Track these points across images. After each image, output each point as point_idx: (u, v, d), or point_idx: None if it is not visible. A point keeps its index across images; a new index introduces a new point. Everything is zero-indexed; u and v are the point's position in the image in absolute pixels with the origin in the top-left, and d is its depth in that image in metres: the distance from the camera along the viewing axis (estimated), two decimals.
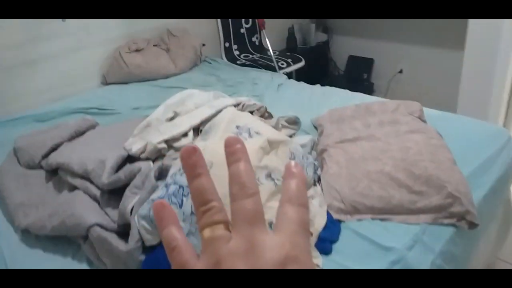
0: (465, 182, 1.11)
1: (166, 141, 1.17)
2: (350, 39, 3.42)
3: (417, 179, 1.11)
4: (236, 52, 2.90)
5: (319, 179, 1.19)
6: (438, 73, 2.96)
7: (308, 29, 3.35)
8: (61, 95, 2.18)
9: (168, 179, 0.94)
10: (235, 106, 1.44)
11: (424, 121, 1.40)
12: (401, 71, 3.19)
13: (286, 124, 1.51)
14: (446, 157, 1.16)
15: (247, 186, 0.27)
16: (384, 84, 3.26)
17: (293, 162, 0.30)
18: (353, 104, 1.77)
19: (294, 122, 1.56)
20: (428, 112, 1.61)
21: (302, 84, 2.15)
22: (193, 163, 0.28)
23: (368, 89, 3.33)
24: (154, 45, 2.47)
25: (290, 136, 1.50)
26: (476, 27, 1.96)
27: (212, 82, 2.27)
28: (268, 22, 2.99)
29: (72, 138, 1.42)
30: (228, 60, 2.83)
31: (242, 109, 1.45)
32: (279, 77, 2.24)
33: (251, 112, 1.46)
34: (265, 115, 1.51)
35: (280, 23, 3.25)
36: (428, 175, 1.10)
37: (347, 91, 1.98)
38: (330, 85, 3.34)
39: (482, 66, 2.00)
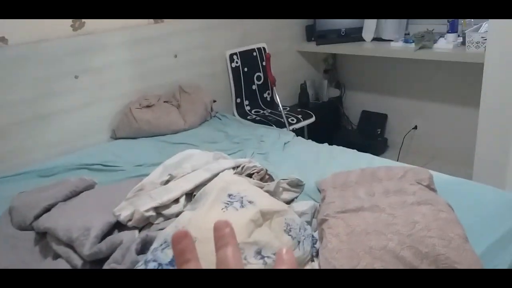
0: (479, 263, 1.01)
1: (155, 208, 1.12)
2: (363, 95, 3.41)
3: (424, 258, 1.01)
4: (248, 108, 2.91)
5: (317, 254, 1.10)
6: (453, 130, 2.88)
7: (320, 85, 3.36)
8: (70, 149, 2.20)
9: (149, 255, 0.88)
10: (234, 168, 1.39)
11: (434, 190, 1.31)
12: (415, 127, 3.13)
13: (287, 187, 1.44)
14: (457, 234, 1.07)
15: None
16: (398, 140, 3.19)
17: (284, 250, 0.30)
18: (360, 165, 1.71)
19: (296, 185, 1.49)
20: (440, 177, 1.52)
21: (309, 143, 2.10)
22: (183, 249, 0.29)
23: (382, 144, 3.26)
24: (165, 101, 2.50)
25: (292, 200, 1.43)
26: (491, 84, 1.90)
27: (220, 138, 2.25)
28: (281, 78, 3.02)
29: (67, 198, 1.39)
30: (239, 115, 2.83)
31: (241, 172, 1.40)
32: (287, 135, 2.21)
33: (251, 175, 1.41)
34: (266, 177, 1.45)
35: (293, 79, 3.28)
36: (436, 254, 1.00)
37: (355, 151, 1.92)
38: (343, 140, 3.35)
39: (498, 124, 1.92)
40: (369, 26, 2.93)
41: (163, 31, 2.52)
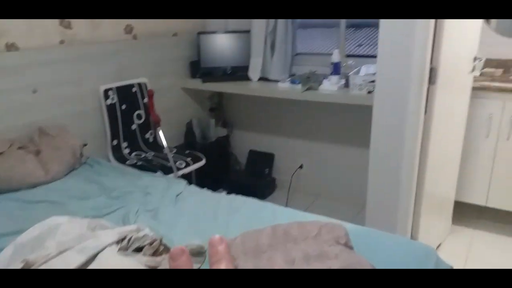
0: None
1: None
2: (251, 134, 3.34)
3: None
4: (126, 151, 2.54)
5: None
6: (340, 169, 2.97)
7: (207, 123, 3.18)
8: None
9: None
10: (118, 243, 1.07)
11: (351, 247, 1.20)
12: (301, 167, 3.15)
13: None
14: None
15: None
16: (286, 179, 3.17)
17: (217, 237, 0.32)
18: (263, 217, 1.54)
19: (198, 253, 1.23)
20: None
21: (205, 193, 1.86)
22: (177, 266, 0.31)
23: (270, 184, 3.20)
24: (19, 147, 1.99)
25: None
26: (379, 129, 1.95)
27: (93, 192, 1.85)
28: (165, 117, 2.75)
29: None
30: (117, 160, 2.45)
31: (128, 246, 1.08)
32: (178, 184, 1.93)
33: (140, 249, 1.10)
34: (160, 249, 1.16)
35: (178, 118, 3.03)
36: None
37: (256, 200, 1.75)
38: (232, 182, 3.20)
39: (387, 166, 1.97)
40: (255, 65, 2.89)
41: (18, 60, 2.06)
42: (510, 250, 2.31)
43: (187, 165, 2.45)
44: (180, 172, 2.37)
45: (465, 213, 2.64)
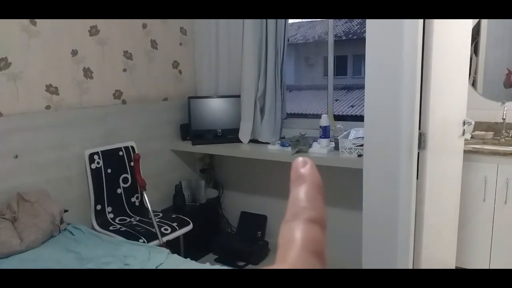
0: None
1: None
2: (242, 195, 3.26)
3: None
4: (111, 216, 2.44)
5: None
6: (334, 232, 2.85)
7: (197, 185, 3.10)
8: None
9: None
10: None
11: None
12: None
13: None
14: None
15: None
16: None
17: (300, 159, 0.27)
18: None
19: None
20: None
21: (189, 263, 1.74)
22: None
23: (263, 249, 3.05)
24: None
25: None
26: (370, 194, 1.88)
27: (68, 263, 1.74)
28: (154, 180, 2.69)
29: None
30: (100, 225, 2.34)
31: None
32: (159, 253, 1.82)
33: None
34: None
35: (167, 180, 2.96)
36: None
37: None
38: (223, 246, 3.06)
39: (381, 228, 1.88)
40: (246, 128, 2.88)
41: (1, 126, 2.03)
42: None
43: (173, 230, 2.34)
44: (165, 238, 2.25)
45: None
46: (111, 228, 2.32)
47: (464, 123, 2.11)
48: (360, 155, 2.24)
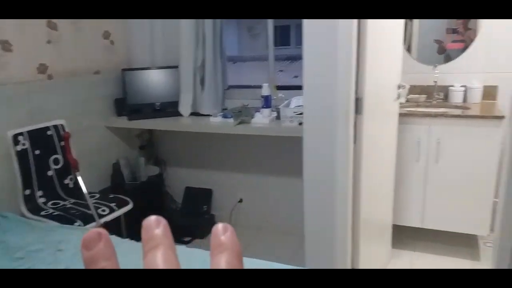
0: None
1: None
2: (186, 170, 3.18)
3: None
4: (42, 200, 2.27)
5: None
6: (279, 201, 2.88)
7: (136, 163, 2.97)
8: None
9: None
10: None
11: None
12: (241, 201, 3.03)
13: None
14: None
15: None
16: (225, 215, 3.03)
17: (220, 225, 0.26)
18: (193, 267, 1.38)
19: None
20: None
21: (127, 244, 1.66)
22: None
23: (209, 222, 3.03)
24: None
25: None
26: (310, 160, 1.89)
27: None
28: (89, 159, 2.53)
29: None
30: (30, 211, 2.17)
31: None
32: None
33: None
34: None
35: (103, 159, 2.80)
36: None
37: (183, 247, 1.59)
38: (168, 222, 2.97)
39: (322, 195, 1.91)
40: (186, 100, 2.77)
41: None
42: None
43: (112, 211, 2.23)
44: (103, 220, 2.14)
45: (404, 236, 2.65)
46: (42, 213, 2.16)
47: (399, 87, 2.17)
48: (301, 123, 2.24)
